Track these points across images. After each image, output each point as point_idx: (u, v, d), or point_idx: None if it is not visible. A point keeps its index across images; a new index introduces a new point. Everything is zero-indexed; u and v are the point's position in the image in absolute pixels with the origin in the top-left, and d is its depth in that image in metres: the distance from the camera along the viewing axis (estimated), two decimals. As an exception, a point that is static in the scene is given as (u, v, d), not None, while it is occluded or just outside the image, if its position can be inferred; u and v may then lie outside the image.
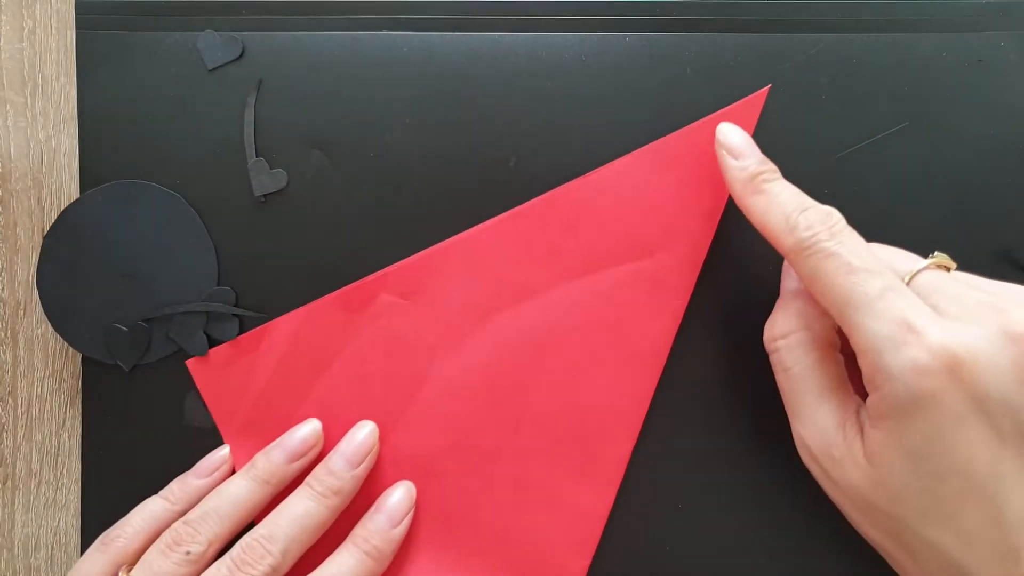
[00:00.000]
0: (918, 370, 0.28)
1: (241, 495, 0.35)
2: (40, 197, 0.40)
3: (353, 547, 0.35)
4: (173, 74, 0.38)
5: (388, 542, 0.36)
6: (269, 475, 0.36)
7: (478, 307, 0.37)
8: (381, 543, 0.36)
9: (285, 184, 0.38)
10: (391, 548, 0.36)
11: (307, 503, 0.35)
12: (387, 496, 0.37)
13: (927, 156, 0.38)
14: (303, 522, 0.35)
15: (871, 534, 0.32)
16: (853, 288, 0.30)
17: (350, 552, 0.35)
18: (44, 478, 0.41)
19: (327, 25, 0.38)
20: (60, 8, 0.40)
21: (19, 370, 0.40)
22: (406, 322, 0.37)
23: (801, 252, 0.31)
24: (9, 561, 0.41)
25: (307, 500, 0.35)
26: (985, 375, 0.28)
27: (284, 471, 0.36)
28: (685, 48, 0.38)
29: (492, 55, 0.38)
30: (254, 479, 0.36)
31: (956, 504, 0.28)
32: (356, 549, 0.35)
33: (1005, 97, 0.38)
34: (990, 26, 0.38)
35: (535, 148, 0.38)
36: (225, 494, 0.35)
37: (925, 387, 0.28)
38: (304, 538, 0.35)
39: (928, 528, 0.29)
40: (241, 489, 0.35)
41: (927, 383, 0.28)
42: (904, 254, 0.33)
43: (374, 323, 0.37)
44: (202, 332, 0.39)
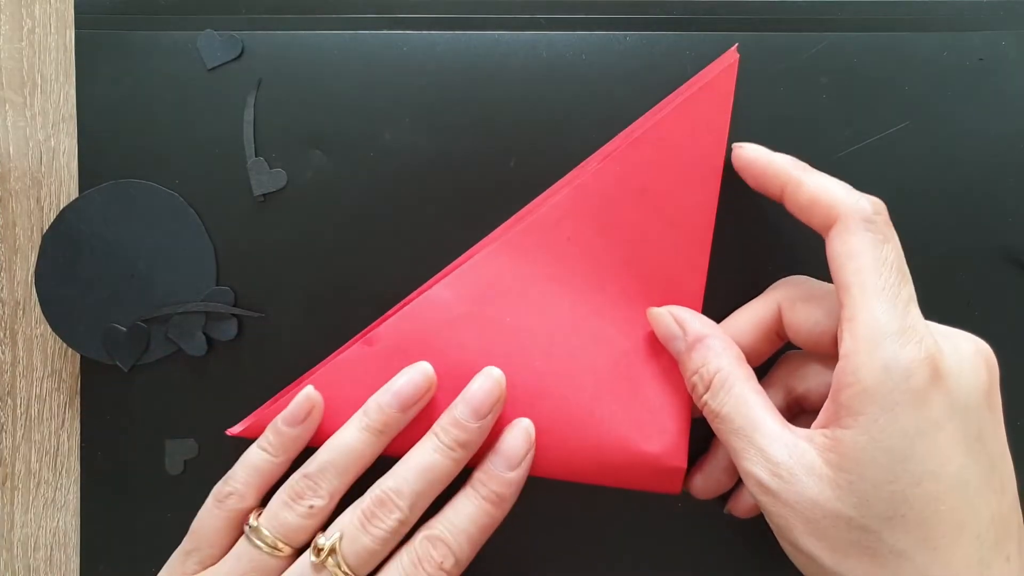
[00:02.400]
0: (914, 367, 0.28)
1: (357, 448, 0.35)
2: (39, 197, 0.40)
3: (472, 492, 0.35)
4: (172, 74, 0.38)
5: (507, 486, 0.35)
6: (383, 425, 0.35)
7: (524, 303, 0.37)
8: (499, 487, 0.35)
9: (284, 184, 0.38)
10: (511, 492, 0.35)
11: (433, 455, 0.34)
12: (504, 438, 0.36)
13: (927, 156, 0.38)
14: (429, 476, 0.34)
15: (826, 559, 0.30)
16: (884, 284, 0.30)
17: (469, 498, 0.35)
18: (43, 478, 0.41)
19: (326, 24, 0.38)
20: (59, 8, 0.40)
21: (18, 370, 0.40)
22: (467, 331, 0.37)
23: (859, 226, 0.32)
24: (8, 561, 0.41)
25: (433, 453, 0.34)
26: (964, 386, 0.29)
27: (398, 420, 0.35)
28: (685, 48, 0.38)
29: (492, 54, 0.38)
30: (368, 430, 0.35)
31: (928, 510, 0.28)
32: (475, 494, 0.35)
33: (1005, 96, 0.38)
34: (990, 25, 0.38)
35: (535, 148, 0.38)
36: (341, 447, 0.35)
37: (916, 385, 0.28)
38: (430, 492, 0.34)
39: (896, 535, 0.29)
40: (357, 442, 0.35)
41: (918, 382, 0.28)
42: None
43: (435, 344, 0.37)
44: (201, 332, 0.39)
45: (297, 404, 0.36)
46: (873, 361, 0.29)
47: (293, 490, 0.35)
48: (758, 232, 0.38)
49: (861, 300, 0.30)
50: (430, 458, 0.34)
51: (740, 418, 0.32)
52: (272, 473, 0.36)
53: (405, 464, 0.35)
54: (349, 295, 0.38)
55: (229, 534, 0.36)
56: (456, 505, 0.35)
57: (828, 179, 0.33)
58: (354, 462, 0.35)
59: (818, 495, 0.29)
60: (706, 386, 0.33)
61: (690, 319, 0.35)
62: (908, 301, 0.30)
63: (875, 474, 0.29)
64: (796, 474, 0.30)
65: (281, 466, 0.36)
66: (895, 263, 0.31)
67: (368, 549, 0.33)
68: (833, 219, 0.32)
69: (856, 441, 0.29)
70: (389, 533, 0.34)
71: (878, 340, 0.29)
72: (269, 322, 0.39)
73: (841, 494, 0.29)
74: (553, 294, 0.37)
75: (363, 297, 0.38)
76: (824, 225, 0.32)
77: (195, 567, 0.35)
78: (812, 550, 0.30)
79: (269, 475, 0.36)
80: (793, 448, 0.30)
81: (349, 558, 0.33)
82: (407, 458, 0.35)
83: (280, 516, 0.34)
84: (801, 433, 0.31)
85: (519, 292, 0.37)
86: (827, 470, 0.29)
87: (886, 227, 0.31)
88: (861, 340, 0.30)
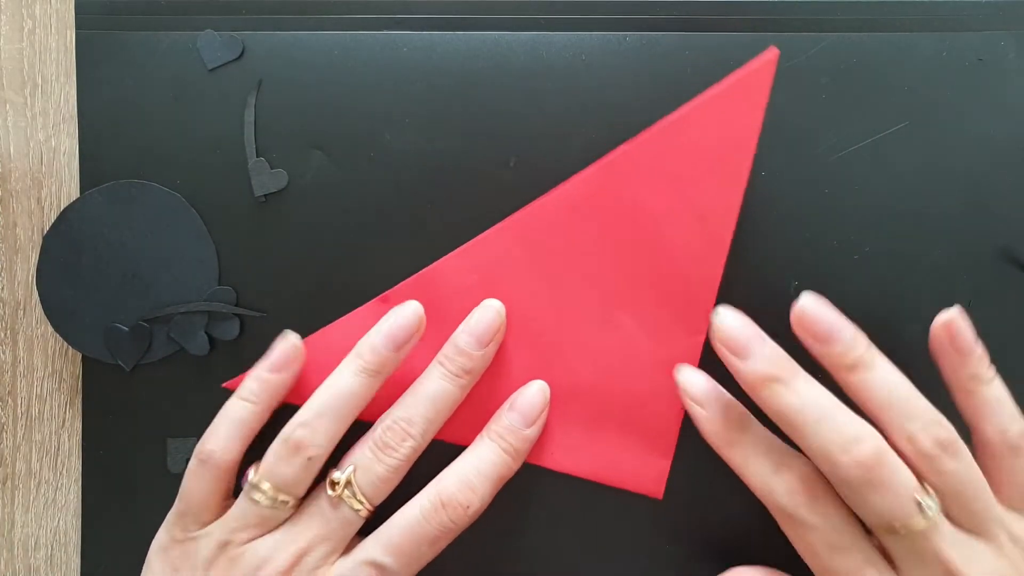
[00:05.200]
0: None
1: (355, 391, 0.35)
2: (40, 197, 0.40)
3: (490, 442, 0.36)
4: (173, 74, 0.38)
5: (523, 441, 0.36)
6: (379, 366, 0.35)
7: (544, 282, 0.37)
8: (516, 441, 0.36)
9: (286, 184, 0.38)
10: (526, 447, 0.36)
11: (441, 383, 0.35)
12: (520, 394, 0.37)
13: (927, 156, 0.38)
14: (438, 403, 0.35)
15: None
16: (835, 565, 0.33)
17: (489, 447, 0.36)
18: (44, 478, 0.41)
19: (327, 25, 0.38)
20: (60, 8, 0.40)
21: (19, 370, 0.40)
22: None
23: (784, 517, 0.33)
24: (9, 561, 0.41)
25: (440, 380, 0.35)
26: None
27: (393, 359, 0.35)
28: (685, 48, 0.38)
29: (492, 55, 0.38)
30: (363, 372, 0.35)
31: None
32: (495, 446, 0.36)
33: (1005, 96, 0.38)
34: (990, 25, 0.38)
35: (535, 148, 0.38)
36: (337, 392, 0.35)
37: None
38: (440, 419, 0.36)
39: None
40: (354, 385, 0.35)
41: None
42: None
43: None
44: (203, 332, 0.39)
45: (280, 350, 0.36)
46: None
47: (291, 441, 0.34)
48: (767, 231, 0.38)
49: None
50: (438, 385, 0.35)
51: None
52: (253, 423, 0.36)
53: (414, 393, 0.35)
54: (350, 295, 0.38)
55: (219, 491, 0.36)
56: (479, 453, 0.36)
57: (746, 461, 0.34)
58: (352, 406, 0.35)
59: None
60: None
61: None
62: (868, 573, 0.33)
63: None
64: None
65: (262, 414, 0.36)
66: (833, 543, 0.33)
67: (382, 478, 0.35)
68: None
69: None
70: (402, 461, 0.35)
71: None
72: (271, 322, 0.39)
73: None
74: (566, 273, 0.37)
75: (364, 297, 0.38)
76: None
77: (195, 526, 0.35)
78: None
79: (251, 425, 0.36)
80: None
81: (365, 488, 0.34)
82: (415, 388, 0.36)
83: (279, 470, 0.34)
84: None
85: (532, 268, 0.37)
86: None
87: (809, 513, 0.33)
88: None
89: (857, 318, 0.34)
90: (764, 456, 0.34)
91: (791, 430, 0.32)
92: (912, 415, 0.32)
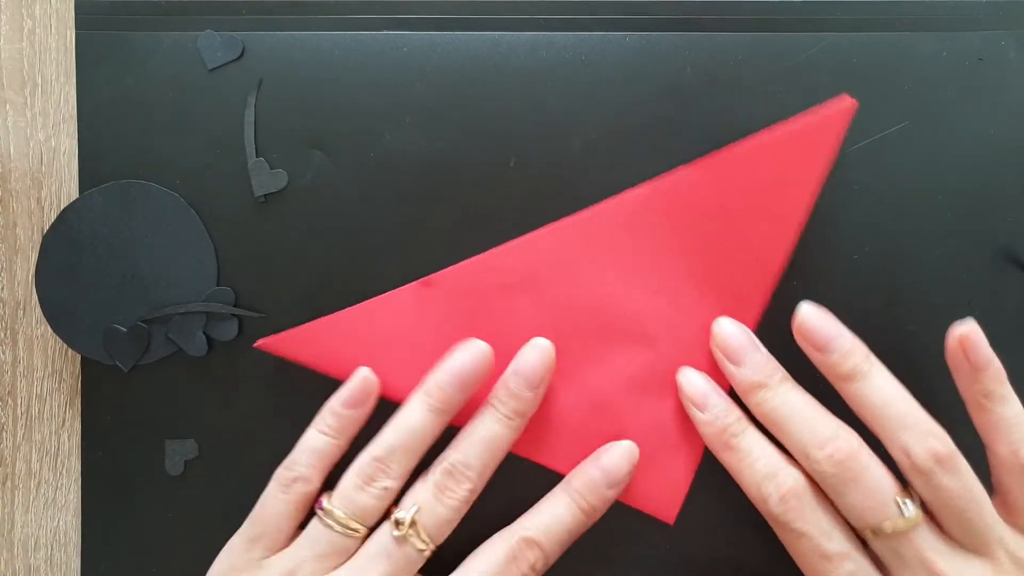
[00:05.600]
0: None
1: (424, 429, 0.35)
2: (40, 197, 0.40)
3: (569, 500, 0.36)
4: (173, 74, 0.38)
5: (603, 501, 0.36)
6: (447, 405, 0.36)
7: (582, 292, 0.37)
8: (597, 501, 0.36)
9: (285, 184, 0.38)
10: (604, 507, 0.36)
11: (495, 427, 0.36)
12: (607, 452, 0.37)
13: (926, 156, 0.38)
14: (493, 447, 0.35)
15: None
16: (826, 572, 0.33)
17: (566, 505, 0.36)
18: (44, 478, 0.41)
19: (327, 25, 0.38)
20: (60, 8, 0.40)
21: (19, 370, 0.40)
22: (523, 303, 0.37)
23: (777, 524, 0.34)
24: (9, 561, 0.41)
25: (494, 424, 0.36)
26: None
27: (459, 399, 0.36)
28: (685, 48, 0.38)
29: (492, 55, 0.38)
30: (432, 410, 0.35)
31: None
32: (572, 503, 0.36)
33: (1005, 96, 0.38)
34: (990, 25, 0.38)
35: (535, 148, 0.38)
36: (407, 429, 0.35)
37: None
38: (495, 462, 0.36)
39: None
40: (423, 423, 0.35)
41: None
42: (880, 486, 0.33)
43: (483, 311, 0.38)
44: (201, 332, 0.39)
45: (356, 387, 0.37)
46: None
47: (365, 472, 0.35)
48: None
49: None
50: (492, 429, 0.36)
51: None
52: (334, 455, 0.36)
53: (469, 437, 0.36)
54: (349, 295, 0.38)
55: (295, 518, 0.36)
56: (552, 510, 0.36)
57: (740, 466, 0.35)
58: (422, 443, 0.36)
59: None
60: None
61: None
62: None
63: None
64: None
65: (342, 447, 0.36)
66: (823, 550, 0.34)
67: (444, 518, 0.35)
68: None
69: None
70: (461, 502, 0.35)
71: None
72: (270, 322, 0.39)
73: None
74: (610, 284, 0.37)
75: (363, 297, 0.38)
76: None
77: (263, 553, 0.36)
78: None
79: (331, 457, 0.36)
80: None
81: (429, 528, 0.35)
82: (471, 431, 0.36)
83: (354, 498, 0.35)
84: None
85: (577, 275, 0.37)
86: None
87: (798, 519, 0.34)
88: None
89: (857, 318, 0.34)
90: (759, 462, 0.34)
91: (776, 430, 0.35)
92: (907, 425, 0.33)
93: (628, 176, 0.38)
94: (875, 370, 0.34)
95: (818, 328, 0.34)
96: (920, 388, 0.33)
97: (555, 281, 0.37)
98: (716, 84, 0.38)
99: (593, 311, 0.37)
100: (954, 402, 0.34)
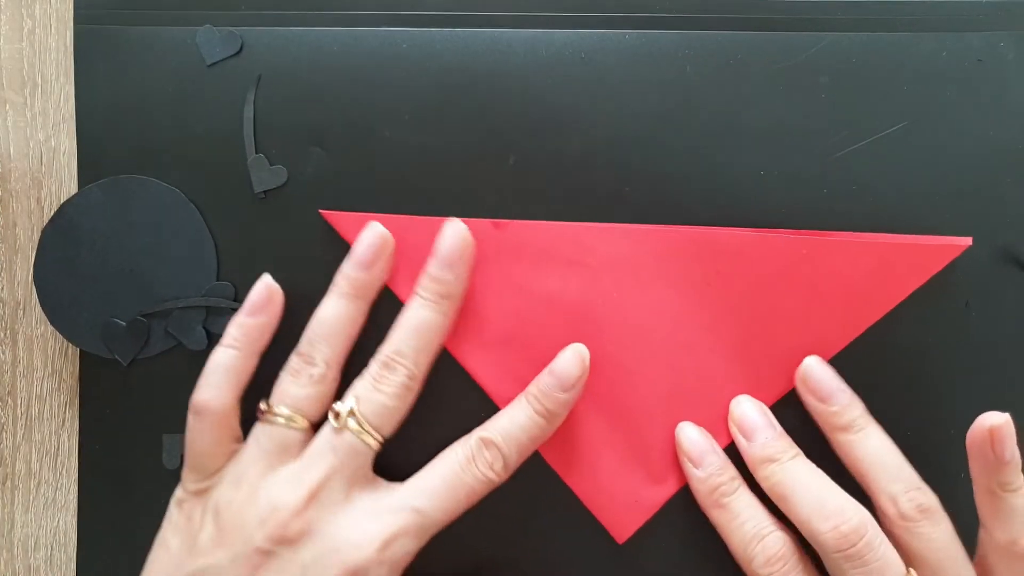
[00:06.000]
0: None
1: (338, 313, 0.36)
2: (39, 197, 0.40)
3: (526, 404, 0.36)
4: (172, 70, 0.39)
5: (560, 405, 0.36)
6: (355, 289, 0.36)
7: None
8: (552, 405, 0.36)
9: (285, 180, 0.38)
10: (563, 410, 0.36)
11: (422, 312, 0.36)
12: (559, 360, 0.36)
13: (926, 156, 0.38)
14: (422, 332, 0.36)
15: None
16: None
17: (523, 409, 0.36)
18: (43, 478, 0.41)
19: (326, 21, 0.38)
20: (59, 8, 0.40)
21: (18, 370, 0.40)
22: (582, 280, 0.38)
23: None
24: (8, 561, 0.41)
25: (421, 309, 0.36)
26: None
27: (366, 280, 0.36)
28: (685, 46, 0.38)
29: (491, 52, 0.38)
30: (341, 296, 0.36)
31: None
32: (528, 407, 0.36)
33: (1005, 97, 0.38)
34: (990, 26, 0.38)
35: (534, 146, 0.38)
36: (322, 319, 0.36)
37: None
38: (429, 347, 0.36)
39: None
40: (335, 309, 0.36)
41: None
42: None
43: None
44: (201, 327, 0.39)
45: (256, 294, 0.37)
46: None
47: (292, 368, 0.36)
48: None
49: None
50: (419, 315, 0.36)
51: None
52: (240, 368, 0.36)
53: (399, 327, 0.36)
54: (348, 292, 0.38)
55: (221, 440, 0.36)
56: (510, 413, 0.36)
57: (729, 525, 0.35)
58: (339, 327, 0.36)
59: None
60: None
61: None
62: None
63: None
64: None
65: (247, 360, 0.37)
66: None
67: (384, 405, 0.35)
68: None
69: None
70: (400, 388, 0.35)
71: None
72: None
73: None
74: (664, 303, 0.37)
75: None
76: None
77: (205, 478, 0.36)
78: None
79: (238, 371, 0.36)
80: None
81: (369, 416, 0.35)
82: (400, 321, 0.36)
83: (287, 391, 0.36)
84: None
85: (637, 280, 0.37)
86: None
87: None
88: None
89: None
90: (748, 523, 0.35)
91: (783, 503, 0.35)
92: (897, 478, 0.34)
93: (628, 175, 0.38)
94: (872, 427, 0.35)
95: (822, 380, 0.35)
96: (917, 389, 0.33)
97: (615, 276, 0.37)
98: (716, 83, 0.38)
99: (636, 320, 0.37)
100: (950, 408, 0.34)
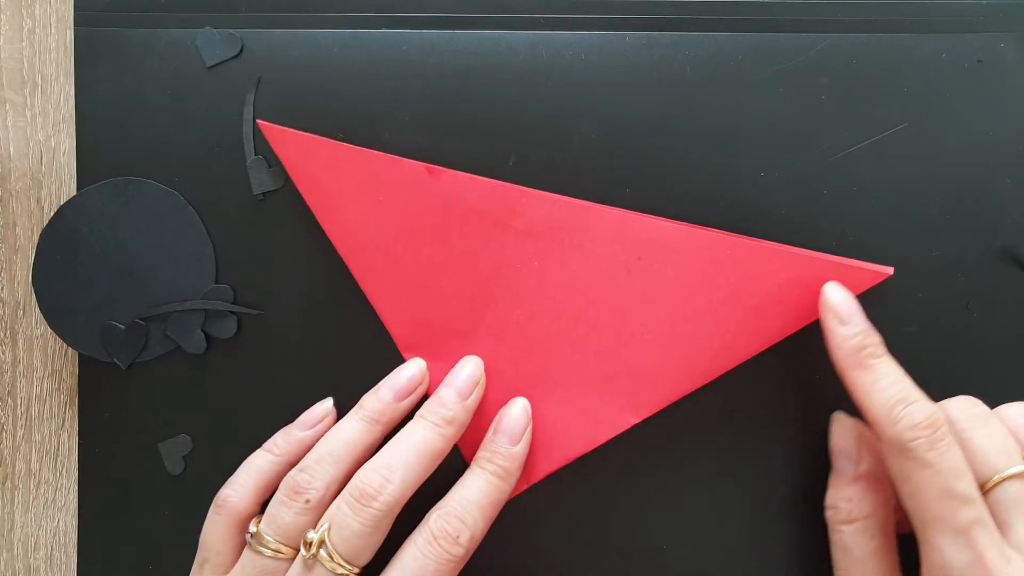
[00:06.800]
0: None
1: (353, 436, 0.35)
2: (39, 197, 0.40)
3: (479, 469, 0.36)
4: (171, 71, 0.39)
5: (511, 459, 0.36)
6: (378, 414, 0.36)
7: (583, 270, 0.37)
8: (505, 462, 0.36)
9: (284, 182, 0.38)
10: (516, 465, 0.36)
11: (421, 432, 0.35)
12: (503, 415, 0.37)
13: (927, 156, 0.38)
14: (420, 448, 0.34)
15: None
16: (943, 513, 0.31)
17: (476, 474, 0.35)
18: (43, 478, 0.41)
19: (326, 23, 0.38)
20: (59, 8, 0.40)
21: (18, 370, 0.40)
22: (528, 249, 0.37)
23: (898, 450, 0.32)
24: (8, 561, 0.41)
25: (421, 430, 0.35)
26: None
27: (393, 409, 0.36)
28: (685, 47, 0.38)
29: (491, 53, 0.38)
30: (364, 419, 0.36)
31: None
32: (482, 471, 0.35)
33: (1005, 97, 0.38)
34: (990, 27, 0.38)
35: (534, 147, 0.38)
36: (337, 437, 0.35)
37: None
38: (422, 465, 0.34)
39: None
40: (352, 430, 0.35)
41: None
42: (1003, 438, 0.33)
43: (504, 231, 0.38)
44: (200, 330, 0.39)
45: (314, 413, 0.37)
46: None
47: (289, 486, 0.34)
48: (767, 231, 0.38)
49: (923, 529, 0.32)
50: (419, 434, 0.35)
51: (867, 567, 0.34)
52: (272, 474, 0.36)
53: (394, 441, 0.35)
54: (348, 293, 0.38)
55: (233, 539, 0.36)
56: (465, 482, 0.35)
57: (873, 386, 0.33)
58: (350, 451, 0.35)
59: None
60: (848, 520, 0.35)
61: (869, 449, 0.35)
62: (975, 531, 0.31)
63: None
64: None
65: (283, 468, 0.36)
66: (948, 488, 0.31)
67: (358, 534, 0.33)
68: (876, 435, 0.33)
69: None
70: (381, 512, 0.33)
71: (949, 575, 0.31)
72: (268, 320, 0.39)
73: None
74: (581, 280, 0.37)
75: (361, 295, 0.38)
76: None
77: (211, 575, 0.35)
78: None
79: (268, 476, 0.36)
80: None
81: (339, 546, 0.33)
82: (395, 438, 0.35)
83: (278, 517, 0.34)
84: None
85: (560, 252, 0.37)
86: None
87: (930, 449, 0.32)
88: (929, 568, 0.32)
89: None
90: (895, 385, 0.33)
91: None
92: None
93: (627, 175, 0.38)
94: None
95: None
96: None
97: (538, 246, 0.37)
98: (716, 84, 0.38)
99: (550, 292, 0.37)
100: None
